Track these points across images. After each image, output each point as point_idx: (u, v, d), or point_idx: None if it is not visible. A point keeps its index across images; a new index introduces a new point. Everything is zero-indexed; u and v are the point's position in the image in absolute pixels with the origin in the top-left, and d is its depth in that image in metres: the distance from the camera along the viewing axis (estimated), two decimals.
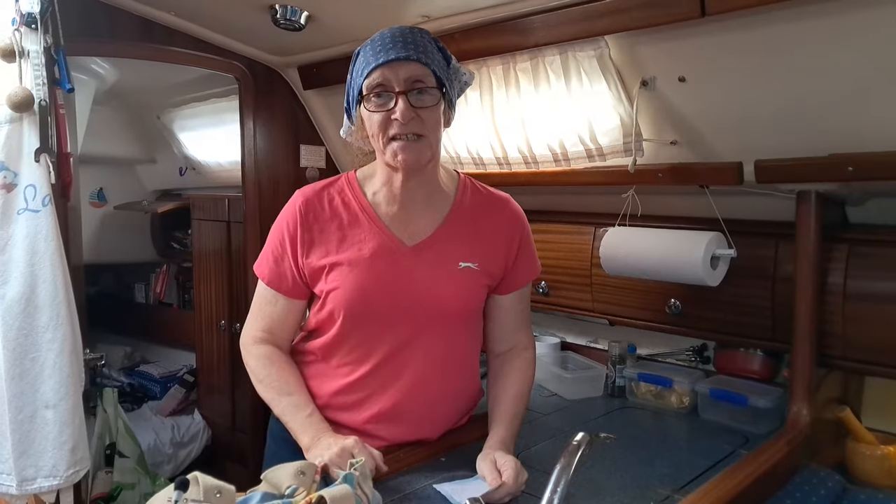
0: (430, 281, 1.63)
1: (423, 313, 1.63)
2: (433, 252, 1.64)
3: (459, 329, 1.71)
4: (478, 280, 1.68)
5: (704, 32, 1.68)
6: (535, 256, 1.81)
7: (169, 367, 4.35)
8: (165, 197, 4.76)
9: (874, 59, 1.52)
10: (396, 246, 1.63)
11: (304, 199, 1.67)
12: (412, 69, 1.49)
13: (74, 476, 2.06)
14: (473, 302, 1.70)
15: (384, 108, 1.50)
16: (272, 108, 3.07)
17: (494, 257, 1.70)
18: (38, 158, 1.99)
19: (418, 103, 1.50)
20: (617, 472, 1.74)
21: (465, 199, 1.72)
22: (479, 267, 1.67)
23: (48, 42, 1.99)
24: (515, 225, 1.75)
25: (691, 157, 2.02)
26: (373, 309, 1.61)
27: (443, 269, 1.64)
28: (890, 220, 1.97)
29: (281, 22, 2.28)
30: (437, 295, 1.62)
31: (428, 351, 1.65)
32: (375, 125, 1.52)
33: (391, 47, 1.49)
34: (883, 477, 1.87)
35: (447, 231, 1.67)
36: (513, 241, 1.73)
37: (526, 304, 1.83)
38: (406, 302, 1.61)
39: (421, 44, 1.51)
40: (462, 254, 1.66)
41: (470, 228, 1.69)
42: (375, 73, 1.49)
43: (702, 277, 2.02)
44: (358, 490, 1.22)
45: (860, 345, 1.89)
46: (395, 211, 1.65)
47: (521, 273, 1.77)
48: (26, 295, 1.99)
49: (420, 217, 1.66)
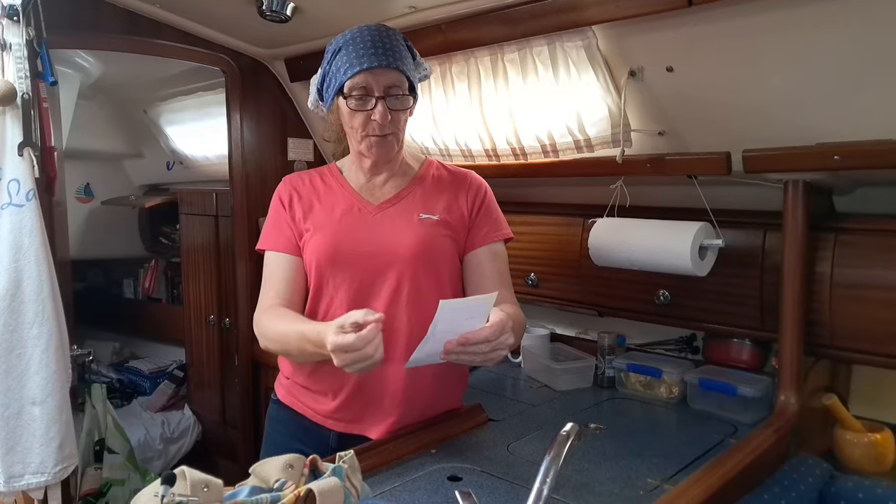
0: (391, 230, 1.76)
1: (386, 259, 1.74)
2: (396, 209, 1.80)
3: (424, 277, 1.75)
4: (437, 229, 1.78)
5: (691, 22, 1.68)
6: (501, 219, 1.90)
7: (158, 363, 4.32)
8: (153, 192, 4.72)
9: (861, 48, 1.52)
10: (363, 205, 1.81)
11: (288, 178, 1.91)
12: (391, 77, 1.67)
13: (62, 472, 2.06)
14: (433, 247, 1.77)
15: (364, 109, 1.68)
16: (259, 101, 3.06)
17: (456, 213, 1.82)
18: (22, 152, 1.98)
19: (394, 106, 1.69)
20: (607, 462, 1.74)
21: (428, 172, 1.88)
22: (440, 218, 1.79)
23: (31, 35, 1.98)
24: (475, 188, 1.87)
25: (679, 147, 2.02)
26: (341, 257, 1.75)
27: (403, 219, 1.78)
28: (876, 209, 1.98)
29: (267, 14, 2.27)
30: (397, 241, 1.75)
31: (395, 297, 1.73)
32: (356, 122, 1.71)
33: (373, 53, 1.64)
34: (870, 464, 1.89)
35: (409, 192, 1.83)
36: (474, 201, 1.85)
37: (502, 266, 1.86)
38: (370, 249, 1.74)
39: (398, 50, 1.68)
40: (423, 209, 1.80)
41: (432, 191, 1.84)
42: (358, 77, 1.65)
43: (690, 268, 2.02)
44: (347, 482, 1.21)
45: (847, 333, 1.90)
46: (363, 182, 1.84)
47: (487, 228, 1.84)
48: (11, 290, 1.98)
49: (385, 185, 1.84)
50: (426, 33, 2.19)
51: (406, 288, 1.73)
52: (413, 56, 1.75)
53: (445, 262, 1.80)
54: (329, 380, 1.76)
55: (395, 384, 1.74)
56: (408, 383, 1.74)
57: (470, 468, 1.65)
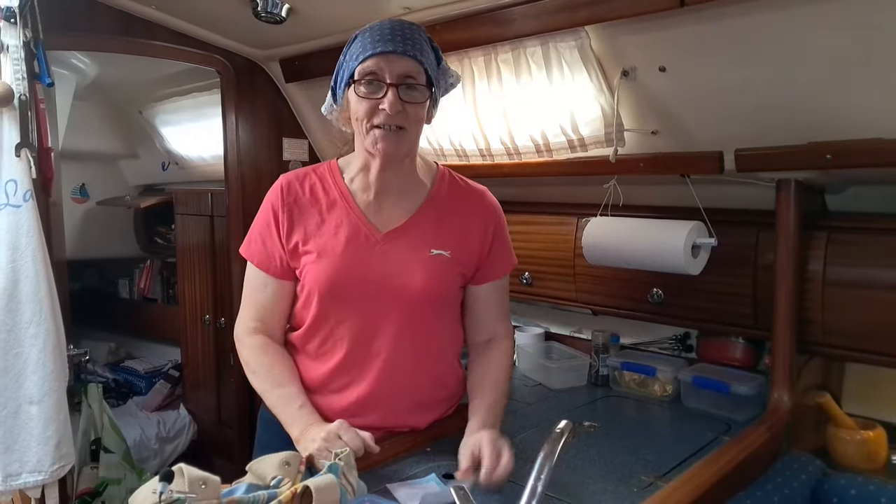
0: (400, 266, 1.65)
1: (392, 298, 1.65)
2: (405, 239, 1.68)
3: (431, 316, 1.71)
4: (449, 267, 1.70)
5: (684, 22, 1.69)
6: (510, 249, 1.83)
7: (154, 363, 4.33)
8: (148, 192, 4.72)
9: (852, 47, 1.53)
10: (370, 232, 1.67)
11: (286, 182, 1.73)
12: (406, 65, 1.53)
13: (59, 471, 2.06)
14: (443, 288, 1.71)
15: (373, 97, 1.54)
16: (254, 101, 3.06)
17: (468, 247, 1.73)
18: (19, 153, 1.98)
19: (407, 97, 1.54)
20: (601, 459, 1.76)
21: (441, 190, 1.76)
22: (451, 255, 1.69)
23: (28, 36, 1.98)
24: (490, 216, 1.78)
25: (672, 146, 2.03)
26: (345, 291, 1.65)
27: (413, 255, 1.67)
28: (868, 208, 1.99)
29: (262, 15, 2.27)
30: (406, 280, 1.65)
31: (399, 337, 1.67)
32: (362, 111, 1.56)
33: (389, 39, 1.52)
34: (862, 461, 1.90)
35: (420, 219, 1.70)
36: (487, 231, 1.76)
37: (504, 296, 1.85)
38: (376, 286, 1.64)
39: (418, 41, 1.55)
40: (434, 242, 1.69)
41: (444, 218, 1.72)
42: (370, 61, 1.52)
43: (683, 266, 2.03)
44: (343, 480, 1.22)
45: (840, 331, 1.91)
46: (370, 199, 1.69)
47: (497, 264, 1.79)
48: (9, 290, 1.98)
49: (394, 206, 1.70)
50: None
51: (412, 328, 1.68)
52: (438, 59, 1.62)
53: (453, 298, 1.77)
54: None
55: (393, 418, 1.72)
56: (408, 414, 1.74)
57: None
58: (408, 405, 1.73)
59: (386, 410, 1.70)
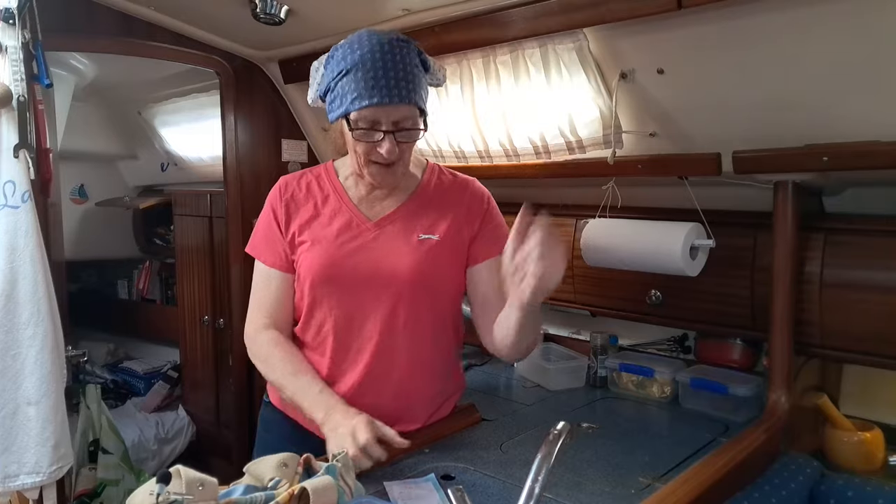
0: (389, 250, 1.70)
1: (383, 281, 1.69)
2: (394, 226, 1.73)
3: (424, 302, 1.72)
4: (438, 250, 1.72)
5: (682, 25, 1.69)
6: (504, 230, 1.80)
7: (152, 364, 4.31)
8: (147, 193, 4.72)
9: (850, 50, 1.53)
10: (361, 221, 1.73)
11: (284, 182, 1.82)
12: (403, 112, 1.56)
13: (57, 472, 2.06)
14: (432, 269, 1.72)
15: (370, 140, 1.58)
16: (253, 102, 3.06)
17: (457, 233, 1.76)
18: (18, 154, 1.98)
19: (403, 139, 1.60)
20: (599, 461, 1.76)
21: (430, 182, 1.82)
22: (441, 239, 1.73)
23: (26, 37, 1.98)
24: (476, 201, 1.81)
25: (670, 148, 2.03)
26: (337, 276, 1.70)
27: (402, 240, 1.71)
28: (865, 209, 2.00)
29: (261, 16, 2.27)
30: (395, 262, 1.69)
31: (391, 319, 1.70)
32: (360, 149, 1.61)
33: (384, 85, 1.51)
34: (860, 462, 1.91)
35: (409, 207, 1.76)
36: (474, 213, 1.79)
37: None
38: (367, 270, 1.69)
39: (411, 78, 1.55)
40: (422, 227, 1.74)
41: (432, 206, 1.77)
42: (367, 111, 1.54)
43: (681, 268, 2.04)
44: (340, 481, 1.22)
45: (837, 333, 1.91)
46: (362, 193, 1.77)
47: (489, 243, 1.78)
48: (7, 291, 1.98)
49: (385, 198, 1.77)
50: (419, 36, 2.19)
51: (403, 312, 1.70)
52: (427, 68, 1.63)
53: (445, 284, 1.77)
54: None
55: (389, 407, 1.72)
56: (405, 405, 1.76)
57: (463, 467, 1.66)
58: (401, 393, 1.74)
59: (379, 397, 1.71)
